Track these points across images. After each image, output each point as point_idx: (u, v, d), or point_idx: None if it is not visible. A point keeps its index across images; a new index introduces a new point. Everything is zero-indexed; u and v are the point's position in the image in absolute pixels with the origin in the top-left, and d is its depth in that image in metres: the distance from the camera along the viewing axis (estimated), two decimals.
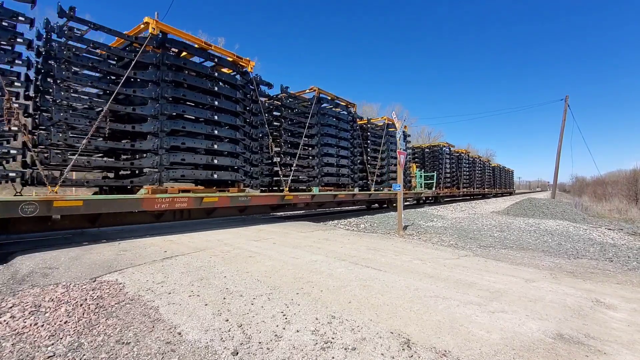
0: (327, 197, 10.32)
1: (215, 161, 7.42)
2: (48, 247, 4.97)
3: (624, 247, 6.65)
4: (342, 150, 11.46)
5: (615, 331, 2.43)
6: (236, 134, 7.89)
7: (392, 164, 14.41)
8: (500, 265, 4.45)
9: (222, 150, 7.58)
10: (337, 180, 11.19)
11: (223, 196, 7.21)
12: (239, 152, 7.95)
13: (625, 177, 33.66)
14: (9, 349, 2.07)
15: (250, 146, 8.38)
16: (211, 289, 3.19)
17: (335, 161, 11.12)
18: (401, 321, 2.52)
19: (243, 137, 8.09)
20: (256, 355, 2.03)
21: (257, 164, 8.70)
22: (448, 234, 7.76)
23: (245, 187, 8.20)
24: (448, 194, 22.12)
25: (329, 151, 10.91)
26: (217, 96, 7.50)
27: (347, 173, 11.64)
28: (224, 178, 7.60)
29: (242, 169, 8.17)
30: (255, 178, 8.63)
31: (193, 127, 7.06)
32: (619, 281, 3.87)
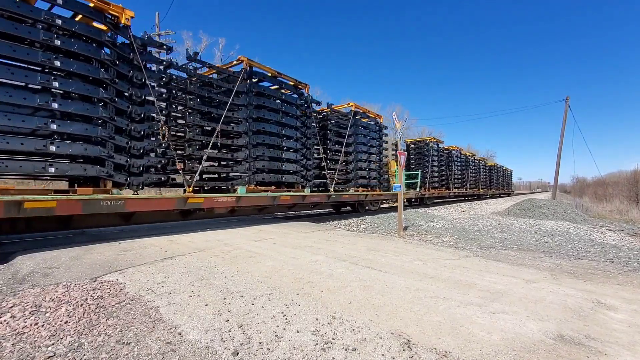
0: (262, 199, 8.22)
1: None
2: (49, 247, 4.97)
3: (624, 248, 6.64)
4: (287, 141, 9.22)
5: (616, 332, 2.42)
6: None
7: (362, 159, 12.52)
8: (500, 266, 4.45)
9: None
10: (279, 178, 8.99)
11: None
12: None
13: (626, 177, 33.61)
14: (9, 349, 2.07)
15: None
16: (211, 289, 3.19)
17: (278, 154, 8.95)
18: (402, 322, 2.52)
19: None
20: (256, 356, 2.03)
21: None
22: (448, 234, 7.75)
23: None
24: (436, 195, 20.41)
25: (266, 141, 8.59)
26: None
27: (295, 169, 9.44)
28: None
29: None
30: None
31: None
32: (619, 282, 3.87)
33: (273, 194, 8.40)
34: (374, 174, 13.30)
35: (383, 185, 14.21)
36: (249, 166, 8.05)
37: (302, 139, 9.74)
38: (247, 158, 8.06)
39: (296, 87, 9.76)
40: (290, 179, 9.30)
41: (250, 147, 8.09)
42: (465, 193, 25.40)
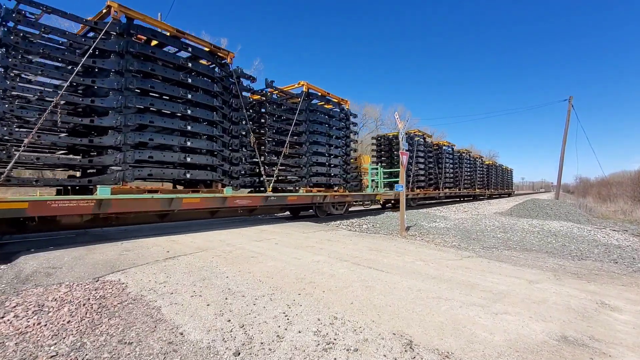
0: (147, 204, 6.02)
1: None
2: (52, 247, 5.00)
3: (628, 248, 6.59)
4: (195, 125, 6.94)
5: (620, 333, 2.40)
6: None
7: (320, 152, 10.39)
8: (503, 267, 4.42)
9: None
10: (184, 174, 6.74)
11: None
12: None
13: (630, 177, 33.40)
14: (12, 348, 2.08)
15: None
16: (213, 289, 3.19)
17: (179, 142, 6.67)
18: (404, 322, 2.51)
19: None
20: (258, 356, 2.03)
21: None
22: (451, 234, 7.72)
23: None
24: (422, 196, 17.88)
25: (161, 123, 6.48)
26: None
27: (212, 163, 7.21)
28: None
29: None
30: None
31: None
32: (623, 283, 3.84)
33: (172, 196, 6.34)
34: (337, 170, 11.07)
35: (351, 185, 11.87)
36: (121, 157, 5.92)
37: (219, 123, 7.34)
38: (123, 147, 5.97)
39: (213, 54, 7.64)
40: (203, 176, 7.08)
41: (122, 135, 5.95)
42: (459, 193, 23.07)
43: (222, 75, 7.68)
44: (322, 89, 10.65)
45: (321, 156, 10.51)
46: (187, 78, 6.90)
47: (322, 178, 10.51)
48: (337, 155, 11.21)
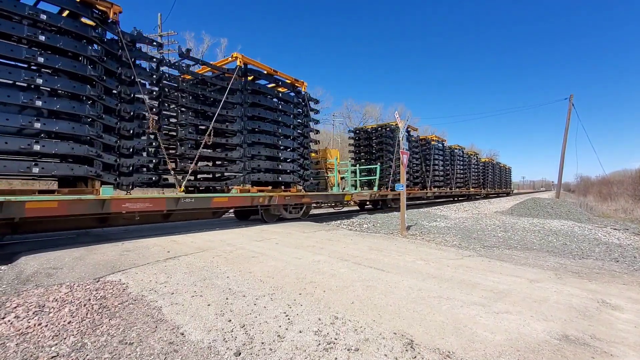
0: None
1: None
2: (52, 247, 5.00)
3: (630, 247, 6.58)
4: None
5: (622, 332, 2.40)
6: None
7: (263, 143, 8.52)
8: (504, 266, 4.42)
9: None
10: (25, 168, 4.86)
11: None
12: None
13: (631, 176, 33.38)
14: (13, 349, 2.08)
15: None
16: (214, 289, 3.19)
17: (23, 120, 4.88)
18: (404, 322, 2.51)
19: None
20: (259, 356, 2.02)
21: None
22: (451, 234, 7.72)
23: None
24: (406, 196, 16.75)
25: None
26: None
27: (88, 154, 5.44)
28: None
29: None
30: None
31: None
32: (625, 282, 3.83)
33: None
34: (291, 166, 9.34)
35: (311, 184, 10.17)
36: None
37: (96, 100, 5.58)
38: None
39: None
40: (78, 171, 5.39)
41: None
42: (450, 193, 21.04)
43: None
44: (267, 66, 8.76)
45: (266, 148, 8.66)
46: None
47: (267, 175, 8.65)
48: (291, 147, 9.42)
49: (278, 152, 8.99)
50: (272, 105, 9.01)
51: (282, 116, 9.20)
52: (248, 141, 8.18)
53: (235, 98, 7.95)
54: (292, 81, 9.74)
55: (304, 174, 9.88)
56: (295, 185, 9.62)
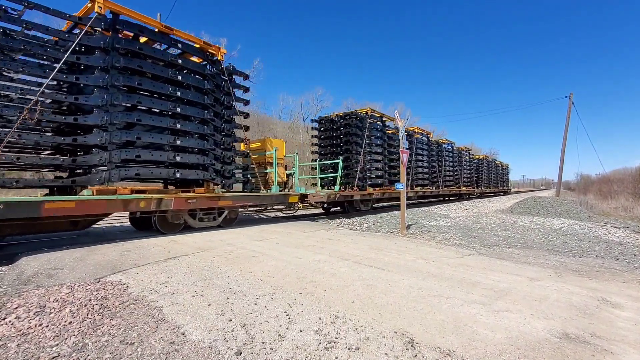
0: None
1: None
2: (53, 248, 5.00)
3: (630, 245, 6.58)
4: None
5: (622, 330, 2.40)
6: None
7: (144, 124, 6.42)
8: (504, 264, 4.42)
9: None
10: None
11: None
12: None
13: (631, 174, 33.38)
14: (14, 350, 2.08)
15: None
16: (214, 289, 3.19)
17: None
18: (405, 321, 2.51)
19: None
20: (259, 356, 2.03)
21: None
22: (452, 232, 7.72)
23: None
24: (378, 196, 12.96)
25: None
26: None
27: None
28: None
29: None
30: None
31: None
32: (625, 280, 3.83)
33: None
34: (201, 158, 7.15)
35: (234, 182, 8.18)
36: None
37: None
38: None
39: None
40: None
41: None
42: (437, 193, 18.42)
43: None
44: (156, 21, 6.61)
45: (154, 133, 6.50)
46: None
47: (158, 170, 6.59)
48: (199, 133, 7.17)
49: (176, 139, 6.75)
50: (167, 75, 6.70)
51: (183, 91, 6.91)
52: (117, 121, 5.91)
53: (93, 60, 5.66)
54: (201, 45, 7.44)
55: (223, 170, 7.65)
56: (208, 183, 7.39)
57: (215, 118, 7.57)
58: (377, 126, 13.43)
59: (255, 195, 8.29)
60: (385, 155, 13.83)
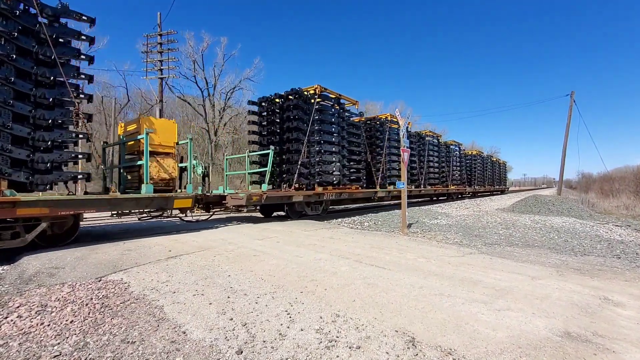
0: None
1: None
2: (54, 247, 5.01)
3: (631, 243, 6.56)
4: None
5: (624, 329, 2.39)
6: None
7: None
8: (505, 263, 4.41)
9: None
10: None
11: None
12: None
13: (633, 172, 33.23)
14: (16, 349, 2.09)
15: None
16: (215, 288, 3.19)
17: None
18: (406, 319, 2.51)
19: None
20: (260, 354, 2.03)
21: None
22: (453, 231, 7.71)
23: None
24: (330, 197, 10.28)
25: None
26: None
27: None
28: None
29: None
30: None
31: None
32: (627, 278, 3.82)
33: None
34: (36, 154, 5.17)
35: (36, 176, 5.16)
36: None
37: None
38: None
39: None
40: None
41: None
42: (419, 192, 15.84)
43: None
44: None
45: None
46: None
47: None
48: None
49: None
50: None
51: None
52: None
53: None
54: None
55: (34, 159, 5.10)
56: None
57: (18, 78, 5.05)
58: (330, 110, 10.74)
59: (103, 200, 5.68)
60: (344, 146, 11.14)
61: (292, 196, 8.96)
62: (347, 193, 11.10)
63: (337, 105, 11.15)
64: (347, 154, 11.38)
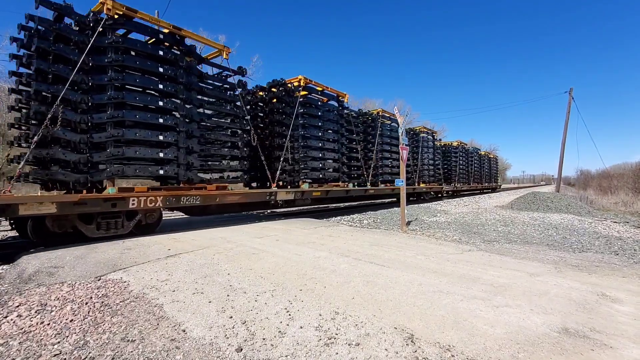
0: None
1: None
2: (53, 246, 5.00)
3: (629, 240, 6.59)
4: None
5: (622, 325, 2.41)
6: None
7: None
8: (504, 260, 4.43)
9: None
10: None
11: None
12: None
13: (631, 169, 33.34)
14: (16, 348, 2.09)
15: None
16: (215, 286, 3.20)
17: None
18: (405, 316, 2.52)
19: None
20: (260, 352, 2.03)
21: None
22: (452, 229, 7.73)
23: None
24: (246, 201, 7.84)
25: None
26: None
27: None
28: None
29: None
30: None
31: None
32: (625, 274, 3.84)
33: None
34: None
35: None
36: None
37: None
38: None
39: None
40: None
41: None
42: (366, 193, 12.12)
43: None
44: None
45: None
46: None
47: None
48: None
49: None
50: None
51: None
52: None
53: None
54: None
55: None
56: None
57: None
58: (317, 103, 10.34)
59: None
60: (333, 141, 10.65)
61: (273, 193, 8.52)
62: (335, 191, 10.49)
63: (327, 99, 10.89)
64: (336, 150, 10.83)
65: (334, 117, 10.85)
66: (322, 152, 10.34)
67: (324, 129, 10.41)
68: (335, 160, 10.95)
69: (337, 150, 10.91)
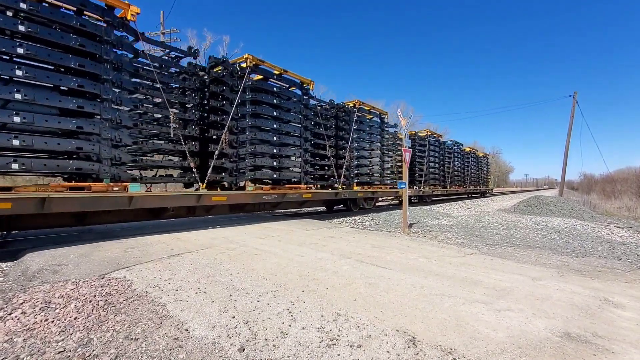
0: None
1: None
2: (57, 244, 5.04)
3: (633, 245, 6.56)
4: None
5: (624, 330, 2.40)
6: None
7: None
8: (506, 264, 4.42)
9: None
10: None
11: None
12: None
13: (635, 174, 33.12)
14: (21, 344, 2.11)
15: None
16: (217, 286, 3.22)
17: None
18: (407, 319, 2.52)
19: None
20: (262, 352, 2.05)
21: None
22: (454, 231, 7.72)
23: None
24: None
25: None
26: None
27: None
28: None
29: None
30: None
31: None
32: (627, 280, 3.82)
33: None
34: None
35: None
36: None
37: None
38: None
39: None
40: None
41: None
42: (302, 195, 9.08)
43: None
44: None
45: None
46: None
47: None
48: None
49: None
50: None
51: None
52: None
53: None
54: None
55: None
56: None
57: None
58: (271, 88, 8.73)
59: None
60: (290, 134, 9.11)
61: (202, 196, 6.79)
62: (293, 194, 8.78)
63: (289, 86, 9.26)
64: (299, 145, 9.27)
65: (295, 107, 9.16)
66: (279, 148, 8.67)
67: (282, 121, 8.76)
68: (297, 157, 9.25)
69: (299, 145, 9.24)
